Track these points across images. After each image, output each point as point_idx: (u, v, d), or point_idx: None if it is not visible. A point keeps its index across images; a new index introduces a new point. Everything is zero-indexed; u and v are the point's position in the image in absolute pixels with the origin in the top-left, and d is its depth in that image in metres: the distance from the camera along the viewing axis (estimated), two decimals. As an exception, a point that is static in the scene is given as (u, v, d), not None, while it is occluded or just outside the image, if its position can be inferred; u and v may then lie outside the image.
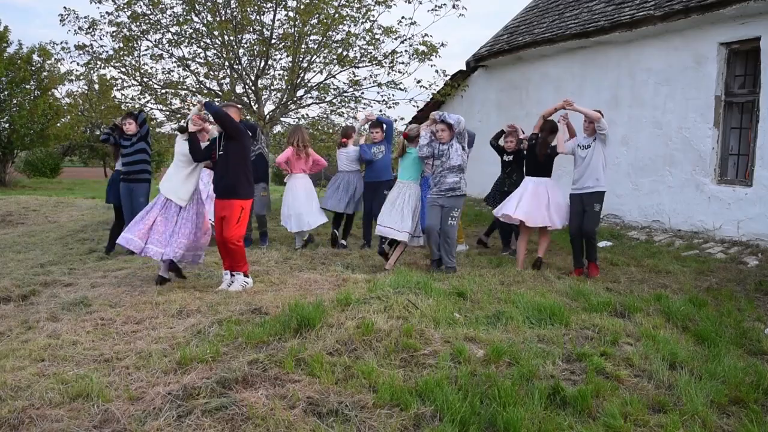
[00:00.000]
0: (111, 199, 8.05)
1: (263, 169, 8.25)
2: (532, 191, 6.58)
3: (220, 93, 11.38)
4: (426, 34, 11.31)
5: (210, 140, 5.92)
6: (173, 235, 5.78)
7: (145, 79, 11.43)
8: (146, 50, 11.35)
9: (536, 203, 6.51)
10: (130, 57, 11.19)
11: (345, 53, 11.16)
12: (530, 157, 6.83)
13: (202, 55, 11.53)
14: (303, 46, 10.95)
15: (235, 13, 10.68)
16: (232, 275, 5.71)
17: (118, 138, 7.68)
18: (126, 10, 10.76)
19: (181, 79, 11.73)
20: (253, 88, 11.56)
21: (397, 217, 6.50)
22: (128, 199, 7.61)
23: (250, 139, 6.13)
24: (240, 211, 5.61)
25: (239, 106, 7.84)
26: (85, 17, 11.12)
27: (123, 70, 11.27)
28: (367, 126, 8.25)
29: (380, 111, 11.66)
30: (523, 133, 7.76)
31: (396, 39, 11.13)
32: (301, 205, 7.76)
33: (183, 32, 11.15)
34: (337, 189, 7.90)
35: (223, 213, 5.61)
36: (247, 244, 7.91)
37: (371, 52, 11.24)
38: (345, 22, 10.85)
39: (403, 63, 11.38)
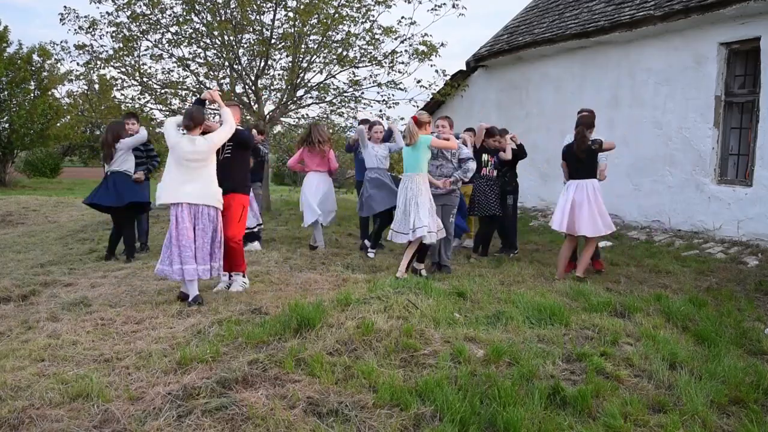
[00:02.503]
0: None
1: (261, 171, 8.28)
2: (577, 196, 5.99)
3: (220, 93, 11.36)
4: (426, 34, 11.29)
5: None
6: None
7: (144, 79, 11.43)
8: (146, 50, 11.36)
9: (583, 209, 5.97)
10: (130, 57, 11.18)
11: (345, 53, 11.15)
12: (570, 157, 6.18)
13: (202, 55, 11.53)
14: (303, 46, 10.94)
15: (235, 13, 10.67)
16: (230, 276, 5.71)
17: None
18: (126, 10, 10.76)
19: (181, 79, 11.74)
20: (253, 88, 11.55)
21: (409, 219, 5.93)
22: None
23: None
24: (241, 209, 5.64)
25: (239, 105, 7.84)
26: (85, 17, 11.12)
27: (123, 70, 11.27)
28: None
29: (380, 111, 11.67)
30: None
31: (396, 39, 11.13)
32: (315, 198, 7.67)
33: (183, 32, 11.15)
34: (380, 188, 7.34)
35: (224, 208, 5.58)
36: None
37: (371, 52, 11.24)
38: (345, 22, 10.84)
39: (403, 63, 11.38)
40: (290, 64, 11.25)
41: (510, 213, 7.64)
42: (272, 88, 11.97)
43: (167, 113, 11.62)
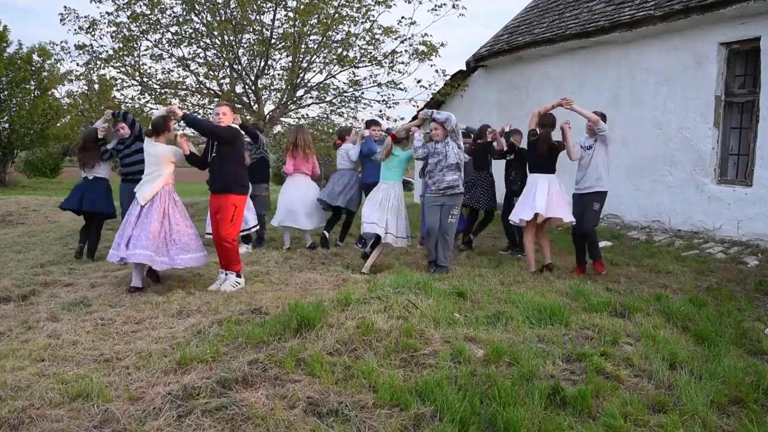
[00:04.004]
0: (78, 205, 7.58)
1: (265, 171, 8.21)
2: (541, 188, 6.33)
3: (220, 93, 11.37)
4: (426, 34, 11.32)
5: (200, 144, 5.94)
6: (137, 237, 5.59)
7: (144, 79, 11.43)
8: (146, 50, 11.36)
9: (550, 197, 6.31)
10: (130, 57, 11.19)
11: (345, 53, 11.16)
12: (532, 153, 6.56)
13: (202, 55, 11.53)
14: (303, 46, 10.95)
15: (235, 13, 10.67)
16: (226, 274, 5.72)
17: (114, 144, 7.65)
18: (126, 10, 10.76)
19: (181, 79, 11.74)
20: (253, 88, 11.56)
21: (384, 217, 6.49)
22: (128, 200, 7.60)
23: (241, 138, 6.07)
24: (233, 209, 5.60)
25: (237, 106, 7.85)
26: (85, 17, 11.13)
27: (123, 70, 11.27)
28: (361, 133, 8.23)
29: (380, 111, 11.68)
30: (507, 129, 7.69)
31: (396, 39, 11.14)
32: (296, 202, 7.79)
33: (183, 32, 11.15)
34: (334, 184, 7.92)
35: (217, 209, 5.63)
36: (260, 244, 7.95)
37: (371, 52, 11.25)
38: (345, 22, 10.85)
39: (403, 63, 11.41)
40: (290, 64, 11.26)
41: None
42: (272, 88, 11.98)
43: (167, 113, 11.61)
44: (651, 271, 6.59)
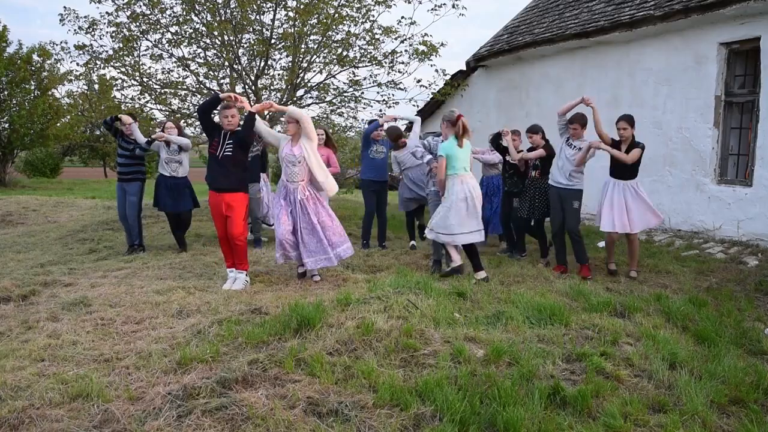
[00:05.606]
0: (160, 205, 7.72)
1: (257, 170, 8.05)
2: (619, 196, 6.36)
3: (220, 93, 11.35)
4: (426, 34, 11.30)
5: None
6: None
7: (144, 79, 11.42)
8: (146, 50, 11.35)
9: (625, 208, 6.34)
10: (130, 57, 11.17)
11: (345, 53, 11.15)
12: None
13: (202, 55, 11.52)
14: (303, 46, 10.94)
15: (235, 13, 10.66)
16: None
17: (119, 137, 7.69)
18: (126, 10, 10.76)
19: (181, 79, 11.73)
20: (253, 88, 11.55)
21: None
22: (122, 199, 7.63)
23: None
24: (245, 208, 5.80)
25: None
26: (85, 17, 11.12)
27: (123, 70, 11.26)
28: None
29: (380, 111, 11.66)
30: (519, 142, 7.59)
31: (396, 39, 11.13)
32: None
33: (183, 32, 11.14)
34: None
35: (226, 208, 5.70)
36: (257, 245, 7.96)
37: (371, 52, 11.23)
38: (345, 22, 10.84)
39: (403, 63, 11.38)
40: (290, 64, 11.25)
41: (516, 216, 7.58)
42: (272, 88, 11.97)
43: (167, 113, 11.62)
44: (651, 271, 6.60)
